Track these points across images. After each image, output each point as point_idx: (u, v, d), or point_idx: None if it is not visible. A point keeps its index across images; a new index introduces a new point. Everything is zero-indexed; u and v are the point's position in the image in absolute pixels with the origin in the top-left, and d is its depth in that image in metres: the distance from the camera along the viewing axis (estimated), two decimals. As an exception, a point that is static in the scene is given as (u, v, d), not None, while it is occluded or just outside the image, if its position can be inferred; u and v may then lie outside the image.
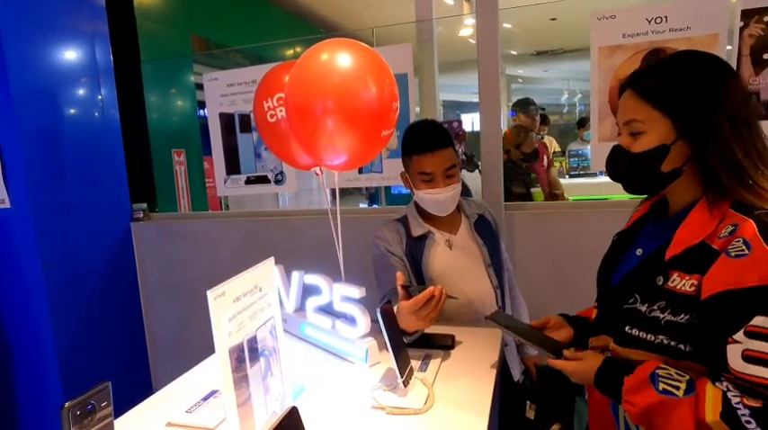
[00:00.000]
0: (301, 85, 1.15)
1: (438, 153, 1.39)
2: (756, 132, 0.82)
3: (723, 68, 0.84)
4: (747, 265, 0.73)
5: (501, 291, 1.54)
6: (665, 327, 0.82)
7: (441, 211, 1.46)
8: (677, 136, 0.83)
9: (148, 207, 2.61)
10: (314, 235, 2.18)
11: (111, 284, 2.45)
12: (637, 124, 0.86)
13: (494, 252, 1.54)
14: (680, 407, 0.75)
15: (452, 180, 1.43)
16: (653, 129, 0.84)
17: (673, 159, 0.84)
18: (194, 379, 1.27)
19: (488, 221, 1.59)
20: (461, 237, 1.52)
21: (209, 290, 0.80)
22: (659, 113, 0.83)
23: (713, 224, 0.80)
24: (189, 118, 3.23)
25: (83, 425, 0.77)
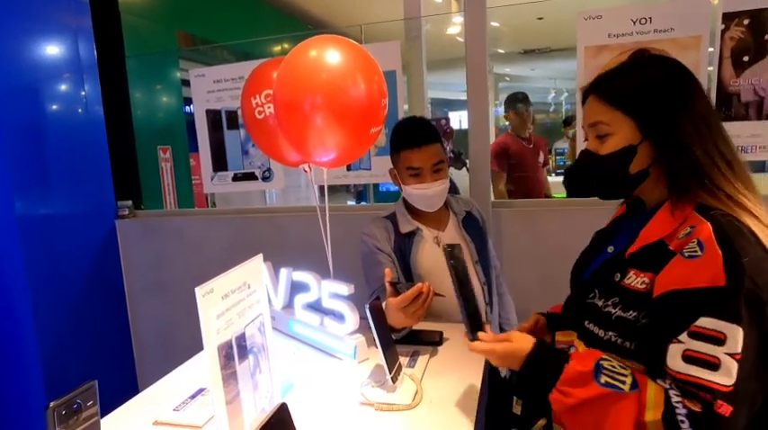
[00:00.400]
0: (290, 81, 1.15)
1: (425, 148, 1.40)
2: (718, 133, 0.82)
3: (682, 71, 0.85)
4: (698, 266, 0.73)
5: (488, 288, 1.55)
6: (614, 323, 0.83)
7: (429, 207, 1.47)
8: (642, 137, 0.83)
9: (134, 204, 2.58)
10: (302, 232, 2.18)
11: (96, 283, 2.42)
12: (602, 126, 0.85)
13: (481, 249, 1.55)
14: (623, 403, 0.73)
15: (440, 175, 1.43)
16: (618, 131, 0.84)
17: (639, 160, 0.84)
18: (181, 377, 1.26)
19: (476, 218, 1.60)
20: (449, 234, 1.53)
21: (198, 287, 0.80)
22: (622, 115, 0.83)
23: (674, 225, 0.80)
24: (175, 114, 3.19)
25: (68, 424, 0.76)
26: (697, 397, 0.70)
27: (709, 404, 0.68)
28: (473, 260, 1.52)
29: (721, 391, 0.68)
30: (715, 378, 0.69)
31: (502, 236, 2.07)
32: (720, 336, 0.69)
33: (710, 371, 0.69)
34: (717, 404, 0.68)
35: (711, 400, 0.68)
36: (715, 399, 0.68)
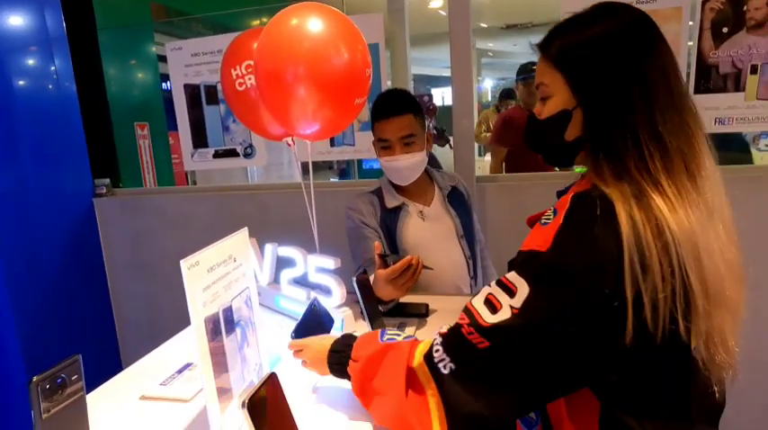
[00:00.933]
0: (271, 50, 1.12)
1: (394, 119, 1.39)
2: (665, 110, 0.70)
3: (637, 27, 0.73)
4: (541, 232, 0.71)
5: (473, 262, 1.57)
6: None
7: (401, 180, 1.46)
8: (577, 102, 0.75)
9: (112, 182, 2.52)
10: (286, 209, 2.16)
11: (75, 262, 2.37)
12: (543, 88, 0.80)
13: (466, 223, 1.56)
14: (396, 349, 0.79)
15: (411, 148, 1.41)
16: (556, 93, 0.77)
17: (575, 127, 0.76)
18: (167, 353, 1.25)
19: (461, 193, 1.61)
20: (434, 209, 1.53)
21: (183, 259, 0.79)
22: (560, 75, 0.76)
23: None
24: (151, 90, 3.10)
25: (53, 399, 0.76)
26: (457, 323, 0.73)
27: (459, 326, 0.72)
28: (458, 234, 1.53)
29: (478, 322, 0.69)
30: (485, 314, 0.70)
31: (486, 210, 2.09)
32: (513, 289, 0.69)
33: (488, 311, 0.70)
34: (466, 329, 0.71)
35: (462, 324, 0.72)
36: (469, 325, 0.70)
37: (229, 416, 0.88)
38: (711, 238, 0.66)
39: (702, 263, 0.64)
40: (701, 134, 0.71)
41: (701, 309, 0.64)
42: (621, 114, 0.70)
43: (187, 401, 1.01)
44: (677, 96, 0.71)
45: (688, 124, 0.70)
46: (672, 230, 0.63)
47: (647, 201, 0.66)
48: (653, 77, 0.70)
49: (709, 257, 0.65)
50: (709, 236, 0.66)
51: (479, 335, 0.69)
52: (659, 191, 0.66)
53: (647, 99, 0.70)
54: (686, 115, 0.71)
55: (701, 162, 0.70)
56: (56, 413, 0.75)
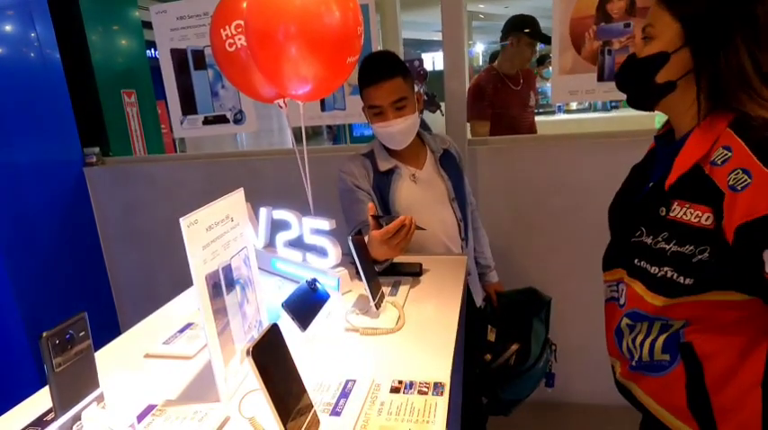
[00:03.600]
0: (261, 9, 1.10)
1: (384, 84, 1.37)
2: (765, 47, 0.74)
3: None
4: (754, 194, 0.69)
5: (464, 224, 1.60)
6: (670, 258, 0.81)
7: (396, 144, 1.47)
8: (683, 43, 0.78)
9: (101, 151, 2.50)
10: (278, 175, 2.16)
11: (69, 231, 2.38)
12: (649, 29, 0.82)
13: (458, 186, 1.58)
14: None
15: (403, 112, 1.40)
16: (661, 34, 0.80)
17: (670, 70, 0.80)
18: (167, 315, 1.28)
19: (453, 156, 1.62)
20: (426, 172, 1.54)
21: (182, 217, 0.80)
22: (670, 17, 0.79)
23: (707, 146, 0.77)
24: (137, 58, 3.02)
25: (63, 355, 0.78)
26: None
27: None
28: (449, 197, 1.55)
29: None
30: None
31: (477, 173, 2.11)
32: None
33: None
34: None
35: None
36: None
37: (232, 369, 0.91)
38: None
39: None
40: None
41: None
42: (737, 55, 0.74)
43: (191, 358, 1.04)
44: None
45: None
46: None
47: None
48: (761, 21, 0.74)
49: None
50: None
51: None
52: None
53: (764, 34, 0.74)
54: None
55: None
56: (67, 367, 0.78)
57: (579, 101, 5.68)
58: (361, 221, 1.43)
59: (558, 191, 2.03)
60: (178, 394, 0.91)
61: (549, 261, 2.06)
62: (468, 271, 1.63)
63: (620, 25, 1.83)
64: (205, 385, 0.91)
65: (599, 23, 1.85)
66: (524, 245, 2.09)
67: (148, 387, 0.94)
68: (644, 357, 0.88)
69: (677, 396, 0.84)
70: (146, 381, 0.96)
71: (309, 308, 1.11)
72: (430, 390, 0.87)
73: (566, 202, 2.01)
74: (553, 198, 2.04)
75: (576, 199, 1.99)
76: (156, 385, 0.94)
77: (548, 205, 2.06)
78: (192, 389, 0.93)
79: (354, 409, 0.83)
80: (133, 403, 0.88)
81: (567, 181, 2.01)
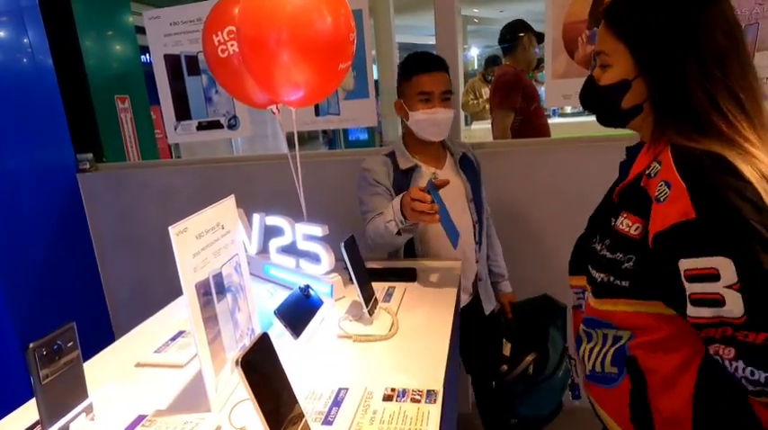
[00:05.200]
0: (253, 15, 1.10)
1: (437, 74, 1.44)
2: (736, 72, 0.74)
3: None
4: (670, 204, 0.71)
5: (479, 227, 1.61)
6: (606, 265, 0.84)
7: (435, 134, 1.48)
8: (637, 72, 0.80)
9: (95, 157, 2.48)
10: (272, 180, 2.15)
11: (62, 238, 2.36)
12: (603, 56, 0.84)
13: (475, 189, 1.59)
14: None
15: (448, 104, 1.47)
16: (617, 63, 0.82)
17: (633, 95, 0.82)
18: (159, 323, 1.27)
19: (471, 160, 1.64)
20: (446, 172, 1.55)
21: (171, 226, 0.79)
22: (623, 46, 0.80)
23: (650, 160, 0.79)
24: (131, 63, 3.02)
25: (50, 366, 0.77)
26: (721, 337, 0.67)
27: (734, 336, 0.66)
28: (468, 198, 1.57)
29: (735, 324, 0.65)
30: (723, 313, 0.66)
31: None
32: (713, 272, 0.66)
33: (715, 309, 0.66)
34: (741, 334, 0.65)
35: (734, 333, 0.66)
36: (736, 331, 0.65)
37: (223, 379, 0.90)
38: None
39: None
40: (760, 89, 0.76)
41: None
42: (690, 84, 0.74)
43: (182, 366, 1.03)
44: (743, 55, 0.76)
45: (751, 81, 0.75)
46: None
47: (745, 154, 0.70)
48: (714, 47, 0.74)
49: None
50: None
51: (750, 332, 0.64)
52: (751, 144, 0.71)
53: (716, 68, 0.73)
54: (750, 72, 0.76)
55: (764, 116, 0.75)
56: (55, 379, 0.77)
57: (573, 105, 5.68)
58: (377, 213, 1.44)
59: (557, 194, 2.03)
60: (169, 404, 0.90)
61: (550, 266, 2.06)
62: (479, 276, 1.63)
63: (613, 30, 1.85)
64: (196, 394, 0.90)
65: (591, 28, 1.86)
66: (522, 249, 2.08)
67: (139, 397, 0.92)
68: (596, 368, 0.90)
69: (623, 408, 0.85)
70: (136, 391, 0.95)
71: (302, 314, 1.11)
72: (423, 398, 0.86)
73: (565, 206, 2.01)
74: (553, 201, 2.04)
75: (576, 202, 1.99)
76: (147, 395, 0.93)
77: (546, 209, 2.06)
78: (182, 399, 0.92)
79: (346, 418, 0.82)
80: (123, 414, 0.87)
81: (566, 184, 2.00)
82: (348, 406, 0.85)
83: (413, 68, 1.47)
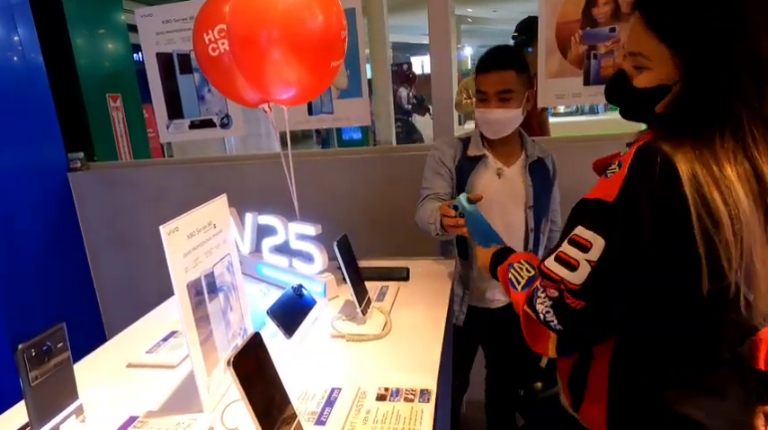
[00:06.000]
0: (244, 13, 1.09)
1: (494, 73, 1.41)
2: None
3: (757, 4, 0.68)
4: (608, 182, 0.73)
5: (535, 235, 1.53)
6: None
7: (491, 133, 1.47)
8: (680, 78, 0.72)
9: (86, 156, 2.46)
10: (265, 179, 2.13)
11: (53, 237, 2.33)
12: (641, 59, 0.75)
13: (540, 196, 1.52)
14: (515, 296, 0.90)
15: (506, 104, 1.42)
16: (657, 67, 0.73)
17: (669, 101, 0.75)
18: (151, 323, 1.26)
19: (546, 167, 1.56)
20: (513, 171, 1.51)
21: (162, 225, 0.79)
22: (665, 48, 0.72)
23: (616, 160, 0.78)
24: (122, 61, 3.00)
25: (40, 367, 0.76)
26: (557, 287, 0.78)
27: (561, 293, 0.77)
28: (526, 203, 1.50)
29: (569, 288, 0.75)
30: (568, 276, 0.75)
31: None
32: (587, 244, 0.74)
33: (568, 271, 0.76)
34: (565, 295, 0.76)
35: (563, 290, 0.76)
36: (564, 292, 0.76)
37: (216, 379, 0.90)
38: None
39: None
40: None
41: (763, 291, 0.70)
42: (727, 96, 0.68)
43: (174, 367, 1.02)
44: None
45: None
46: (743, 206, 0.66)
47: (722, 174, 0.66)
48: (759, 56, 0.67)
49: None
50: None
51: (574, 298, 0.75)
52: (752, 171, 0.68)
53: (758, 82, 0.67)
54: None
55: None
56: (44, 380, 0.76)
57: (566, 104, 5.71)
58: (434, 192, 1.46)
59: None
60: (161, 405, 0.89)
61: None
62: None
63: (606, 30, 1.85)
64: (188, 395, 0.90)
65: (584, 28, 1.86)
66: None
67: (130, 398, 0.92)
68: None
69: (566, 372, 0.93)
70: (128, 392, 0.94)
71: (295, 314, 1.10)
72: (416, 397, 0.86)
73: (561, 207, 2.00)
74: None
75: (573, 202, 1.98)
76: (139, 396, 0.92)
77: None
78: (174, 400, 0.91)
79: (340, 418, 0.82)
80: (114, 415, 0.86)
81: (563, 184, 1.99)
82: (341, 406, 0.85)
83: (477, 68, 1.48)
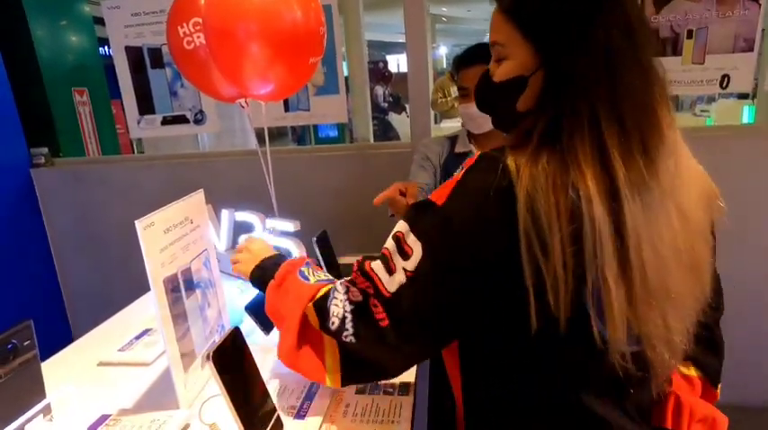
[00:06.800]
0: (220, 6, 1.07)
1: (473, 68, 1.40)
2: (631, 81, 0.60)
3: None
4: (445, 185, 0.67)
5: None
6: None
7: (475, 127, 1.48)
8: (537, 66, 0.64)
9: (50, 152, 2.37)
10: (241, 177, 2.11)
11: (16, 236, 2.24)
12: (498, 47, 0.69)
13: None
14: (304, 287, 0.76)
15: None
16: (514, 55, 0.67)
17: (529, 96, 0.66)
18: (123, 321, 1.23)
19: None
20: None
21: (138, 220, 0.77)
22: (521, 35, 0.65)
23: None
24: (88, 54, 2.89)
25: (5, 366, 0.74)
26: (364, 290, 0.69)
27: (368, 296, 0.68)
28: None
29: (381, 292, 0.66)
30: (385, 280, 0.66)
31: (441, 174, 2.12)
32: (409, 252, 0.65)
33: (387, 274, 0.67)
34: (371, 301, 0.67)
35: (371, 294, 0.67)
36: (374, 297, 0.67)
37: (192, 375, 0.89)
38: (661, 228, 0.60)
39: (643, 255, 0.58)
40: (665, 104, 0.62)
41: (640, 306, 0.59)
42: (584, 86, 0.60)
43: (148, 364, 1.00)
44: (645, 62, 0.62)
45: (652, 94, 0.61)
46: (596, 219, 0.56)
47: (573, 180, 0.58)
48: (617, 41, 0.60)
49: (653, 249, 0.59)
50: (655, 225, 0.59)
51: (382, 309, 0.66)
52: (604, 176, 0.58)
53: (612, 69, 0.60)
54: (652, 83, 0.62)
55: (661, 139, 0.61)
56: (9, 379, 0.74)
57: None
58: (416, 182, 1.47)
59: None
60: (134, 402, 0.88)
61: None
62: None
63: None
64: (163, 392, 0.88)
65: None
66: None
67: (102, 396, 0.90)
68: None
69: None
70: (99, 391, 0.92)
71: None
72: (396, 391, 0.87)
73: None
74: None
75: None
76: (111, 394, 0.90)
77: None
78: (149, 397, 0.89)
79: (319, 412, 0.82)
80: (85, 413, 0.84)
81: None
82: (321, 399, 0.85)
83: (458, 63, 1.47)
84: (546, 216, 0.57)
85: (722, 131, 2.06)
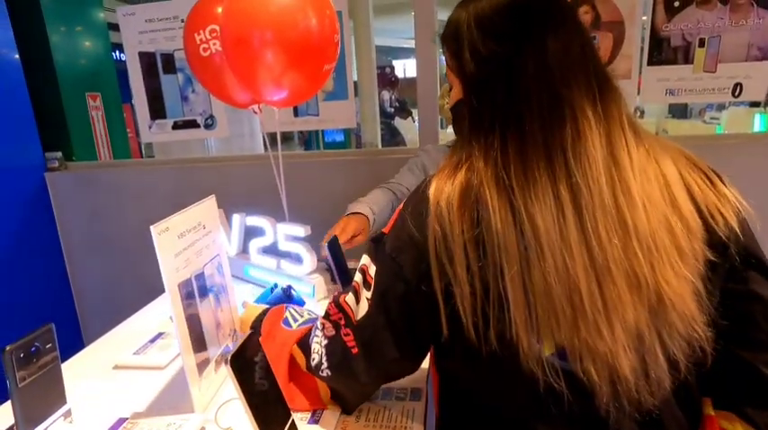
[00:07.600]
0: (237, 15, 1.09)
1: None
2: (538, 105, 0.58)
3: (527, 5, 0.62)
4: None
5: None
6: None
7: None
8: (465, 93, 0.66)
9: (64, 156, 2.40)
10: (251, 181, 2.13)
11: (29, 240, 2.27)
12: (448, 73, 0.72)
13: None
14: (286, 334, 0.84)
15: None
16: (453, 82, 0.71)
17: None
18: (137, 325, 1.24)
19: None
20: None
21: (153, 225, 0.78)
22: (453, 62, 0.68)
23: None
24: (102, 59, 2.93)
25: (27, 368, 0.75)
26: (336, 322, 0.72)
27: (340, 327, 0.72)
28: None
29: (352, 322, 0.70)
30: (354, 308, 0.71)
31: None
32: (371, 282, 0.69)
33: (355, 303, 0.71)
34: (343, 331, 0.71)
35: (343, 325, 0.71)
36: (346, 326, 0.71)
37: (207, 379, 0.90)
38: (571, 237, 0.55)
39: (546, 264, 0.55)
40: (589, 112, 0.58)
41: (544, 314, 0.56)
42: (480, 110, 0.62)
43: (162, 368, 1.01)
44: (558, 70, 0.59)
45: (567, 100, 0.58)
46: (492, 226, 0.57)
47: (477, 190, 0.59)
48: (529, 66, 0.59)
49: (559, 255, 0.55)
50: (565, 234, 0.55)
51: (353, 337, 0.70)
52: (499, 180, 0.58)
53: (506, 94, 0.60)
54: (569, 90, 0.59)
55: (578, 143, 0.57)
56: (32, 381, 0.75)
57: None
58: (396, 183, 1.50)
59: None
60: (150, 406, 0.88)
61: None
62: None
63: (586, 38, 1.90)
64: (178, 396, 0.89)
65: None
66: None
67: (118, 399, 0.90)
68: None
69: None
70: (115, 394, 0.93)
71: None
72: (407, 396, 0.88)
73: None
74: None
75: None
76: (127, 397, 0.91)
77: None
78: (164, 401, 0.90)
79: (332, 417, 0.82)
80: (102, 417, 0.85)
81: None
82: (334, 405, 0.85)
83: None
84: (450, 224, 0.59)
85: (734, 140, 2.05)
